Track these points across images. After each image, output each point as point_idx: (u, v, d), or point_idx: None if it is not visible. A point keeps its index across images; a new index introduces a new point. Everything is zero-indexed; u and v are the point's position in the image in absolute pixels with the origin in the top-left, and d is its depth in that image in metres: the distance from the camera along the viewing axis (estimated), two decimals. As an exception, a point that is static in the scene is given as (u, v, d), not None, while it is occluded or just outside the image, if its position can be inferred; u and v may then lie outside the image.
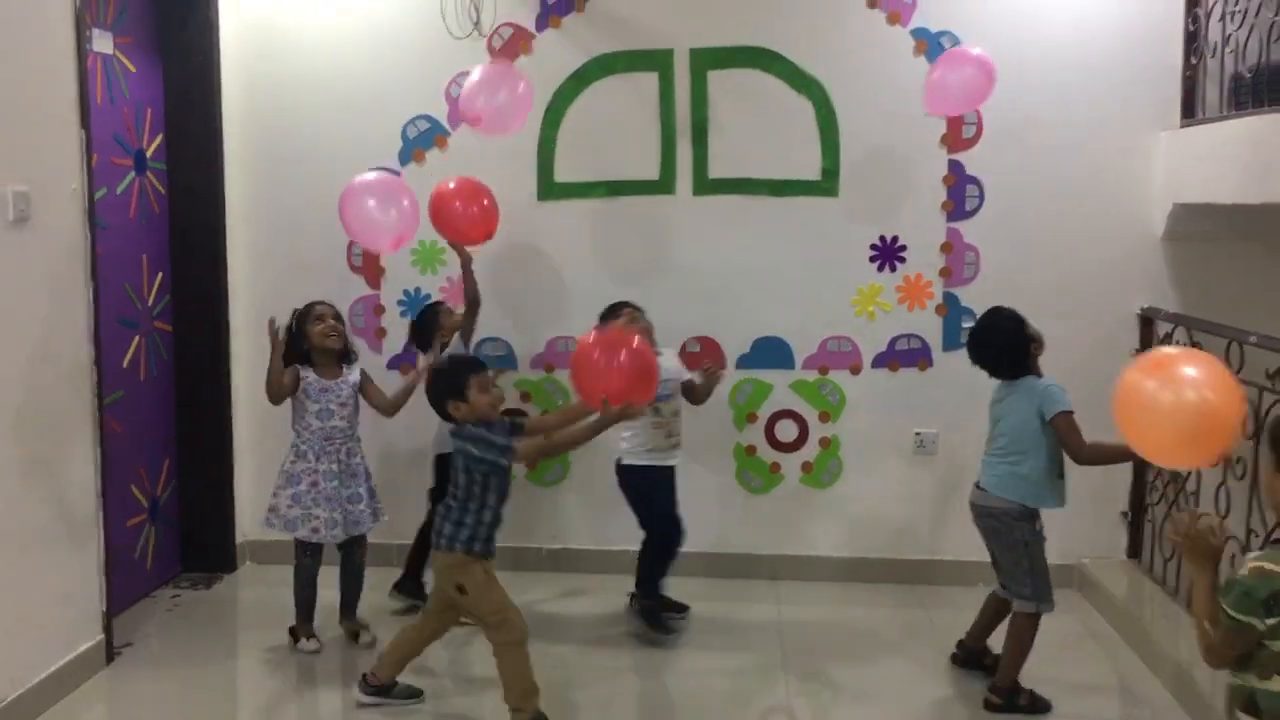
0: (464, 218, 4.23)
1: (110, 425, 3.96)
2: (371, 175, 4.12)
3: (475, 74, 4.19)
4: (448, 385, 3.41)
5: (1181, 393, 2.44)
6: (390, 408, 4.17)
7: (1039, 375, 3.67)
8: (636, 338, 3.46)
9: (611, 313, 4.23)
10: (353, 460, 4.06)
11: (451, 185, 4.24)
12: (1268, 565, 2.21)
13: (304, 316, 4.06)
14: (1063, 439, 3.54)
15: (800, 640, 4.18)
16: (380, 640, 4.01)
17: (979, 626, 3.90)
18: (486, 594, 3.39)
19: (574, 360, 3.45)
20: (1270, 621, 2.17)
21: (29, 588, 3.49)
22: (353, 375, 4.10)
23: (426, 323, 4.37)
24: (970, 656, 3.91)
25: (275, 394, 3.99)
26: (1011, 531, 3.67)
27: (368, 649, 4.03)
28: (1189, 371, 2.47)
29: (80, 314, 3.72)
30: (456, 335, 4.34)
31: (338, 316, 4.08)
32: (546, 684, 3.41)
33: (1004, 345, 3.69)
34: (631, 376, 3.30)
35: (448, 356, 4.14)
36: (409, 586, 4.39)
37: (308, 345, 4.02)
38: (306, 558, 4.07)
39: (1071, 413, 3.54)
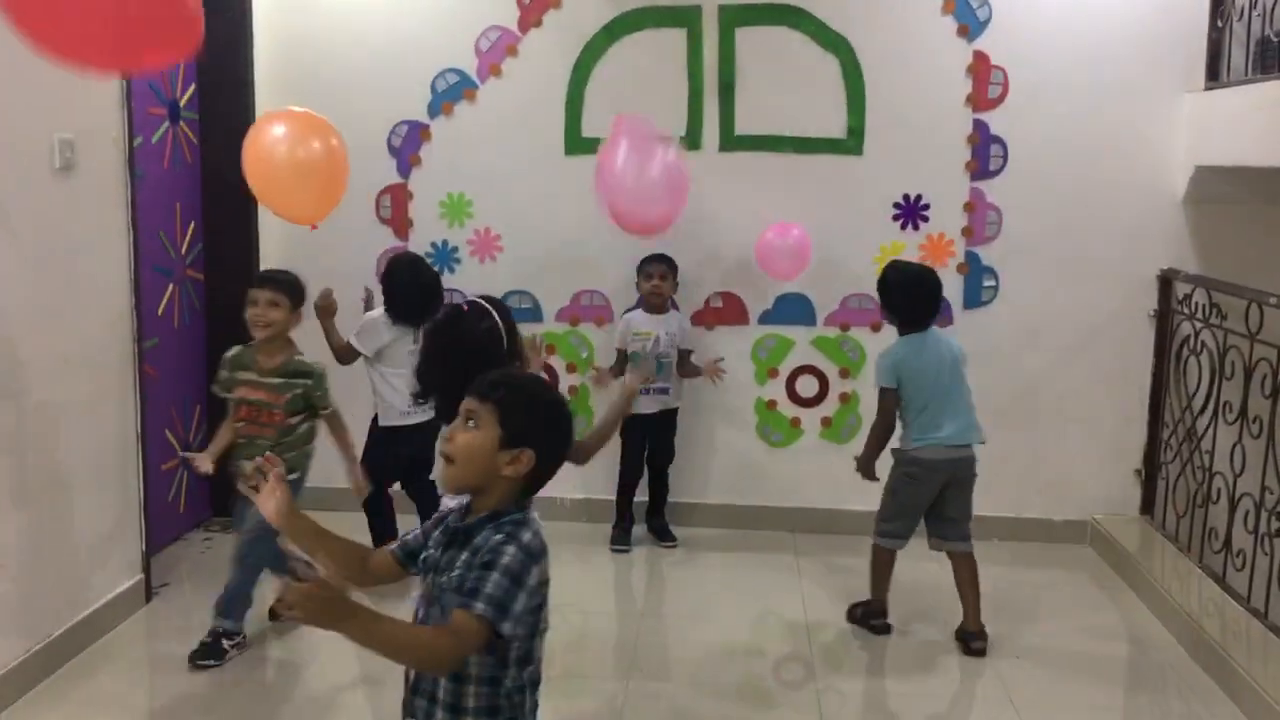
0: None
1: (147, 371, 4.04)
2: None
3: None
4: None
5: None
6: None
7: None
8: None
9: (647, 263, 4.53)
10: None
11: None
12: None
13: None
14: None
15: (819, 592, 4.28)
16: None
17: (971, 604, 3.79)
18: None
19: None
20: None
21: (72, 528, 3.58)
22: None
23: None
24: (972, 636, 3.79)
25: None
26: (974, 476, 3.79)
27: None
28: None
29: (122, 261, 3.80)
30: None
31: None
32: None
33: (939, 294, 3.85)
34: None
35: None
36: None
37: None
38: None
39: None
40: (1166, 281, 4.58)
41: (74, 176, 3.51)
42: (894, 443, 3.83)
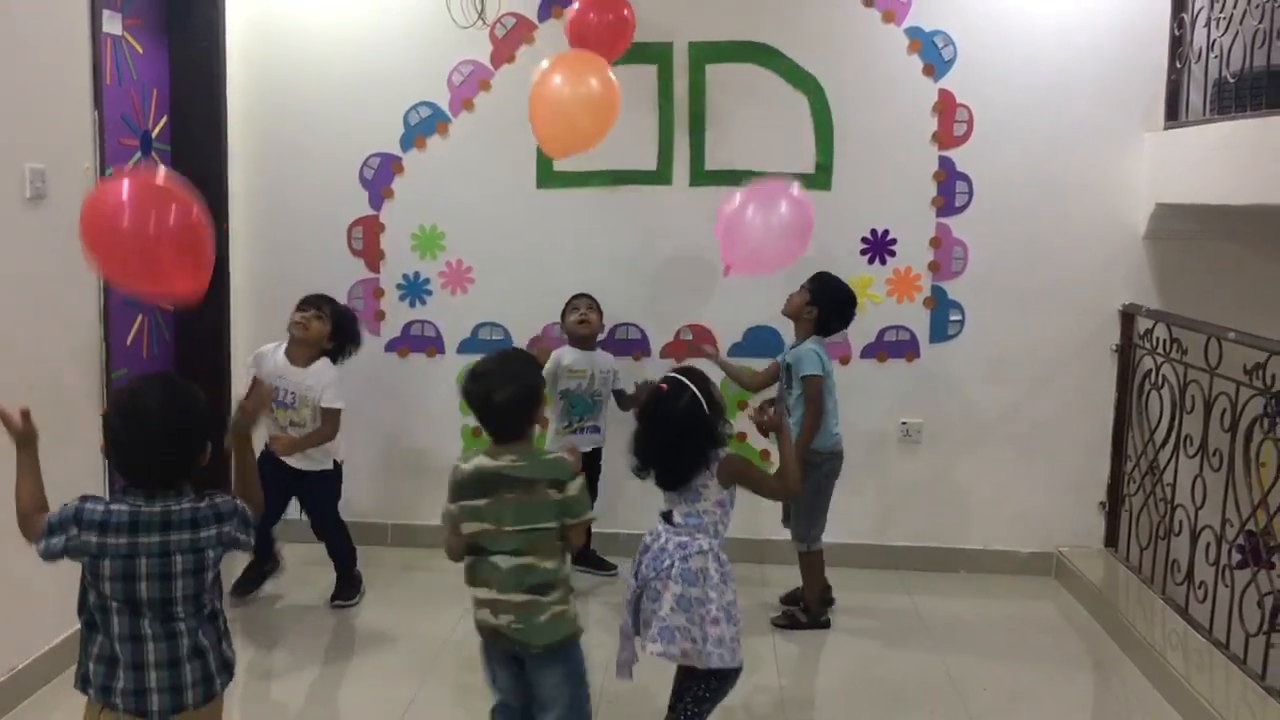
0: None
1: (115, 401, 4.02)
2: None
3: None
4: None
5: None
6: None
7: None
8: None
9: (574, 298, 4.59)
10: None
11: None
12: None
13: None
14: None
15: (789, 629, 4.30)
16: None
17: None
18: None
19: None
20: None
21: (32, 565, 3.53)
22: None
23: None
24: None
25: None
26: None
27: None
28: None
29: (91, 292, 3.80)
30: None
31: None
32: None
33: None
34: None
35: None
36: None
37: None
38: None
39: None
40: (1129, 316, 4.65)
41: (45, 206, 3.52)
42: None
